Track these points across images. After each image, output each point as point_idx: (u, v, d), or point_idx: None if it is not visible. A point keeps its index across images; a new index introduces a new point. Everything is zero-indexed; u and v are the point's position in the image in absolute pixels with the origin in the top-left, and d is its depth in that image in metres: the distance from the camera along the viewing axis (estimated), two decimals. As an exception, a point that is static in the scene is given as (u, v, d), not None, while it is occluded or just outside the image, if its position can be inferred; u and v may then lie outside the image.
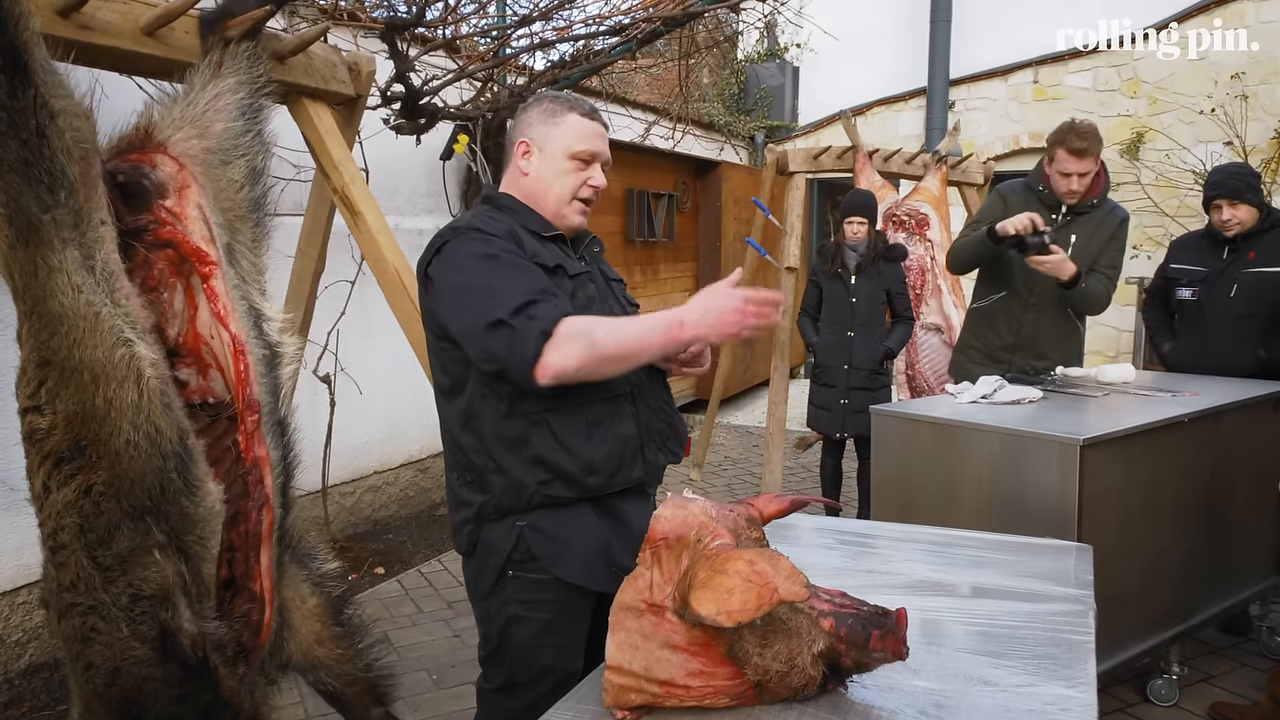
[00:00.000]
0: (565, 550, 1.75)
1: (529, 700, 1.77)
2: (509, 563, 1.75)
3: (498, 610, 1.78)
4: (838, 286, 4.69)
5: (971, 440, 2.76)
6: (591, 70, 5.15)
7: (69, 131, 1.38)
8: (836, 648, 1.38)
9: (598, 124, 1.86)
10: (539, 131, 1.85)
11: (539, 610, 1.76)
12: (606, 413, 1.75)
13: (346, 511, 4.96)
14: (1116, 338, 8.30)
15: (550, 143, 1.83)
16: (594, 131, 1.85)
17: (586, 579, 1.76)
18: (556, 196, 1.84)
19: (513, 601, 1.76)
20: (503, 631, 1.78)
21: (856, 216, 4.68)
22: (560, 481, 1.73)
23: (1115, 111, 8.25)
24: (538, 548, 1.74)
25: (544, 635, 1.77)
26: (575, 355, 1.59)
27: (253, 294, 1.71)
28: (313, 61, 2.29)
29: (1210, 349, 3.68)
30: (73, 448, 1.41)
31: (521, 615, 1.76)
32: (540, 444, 1.72)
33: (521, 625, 1.76)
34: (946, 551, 2.01)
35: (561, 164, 1.83)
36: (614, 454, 1.75)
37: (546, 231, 1.84)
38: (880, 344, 4.62)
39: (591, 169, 1.85)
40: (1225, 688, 3.17)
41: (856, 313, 4.62)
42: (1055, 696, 1.40)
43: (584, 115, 1.84)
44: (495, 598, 1.78)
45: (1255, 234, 3.61)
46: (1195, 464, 3.00)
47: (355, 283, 4.60)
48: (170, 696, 1.47)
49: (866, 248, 4.66)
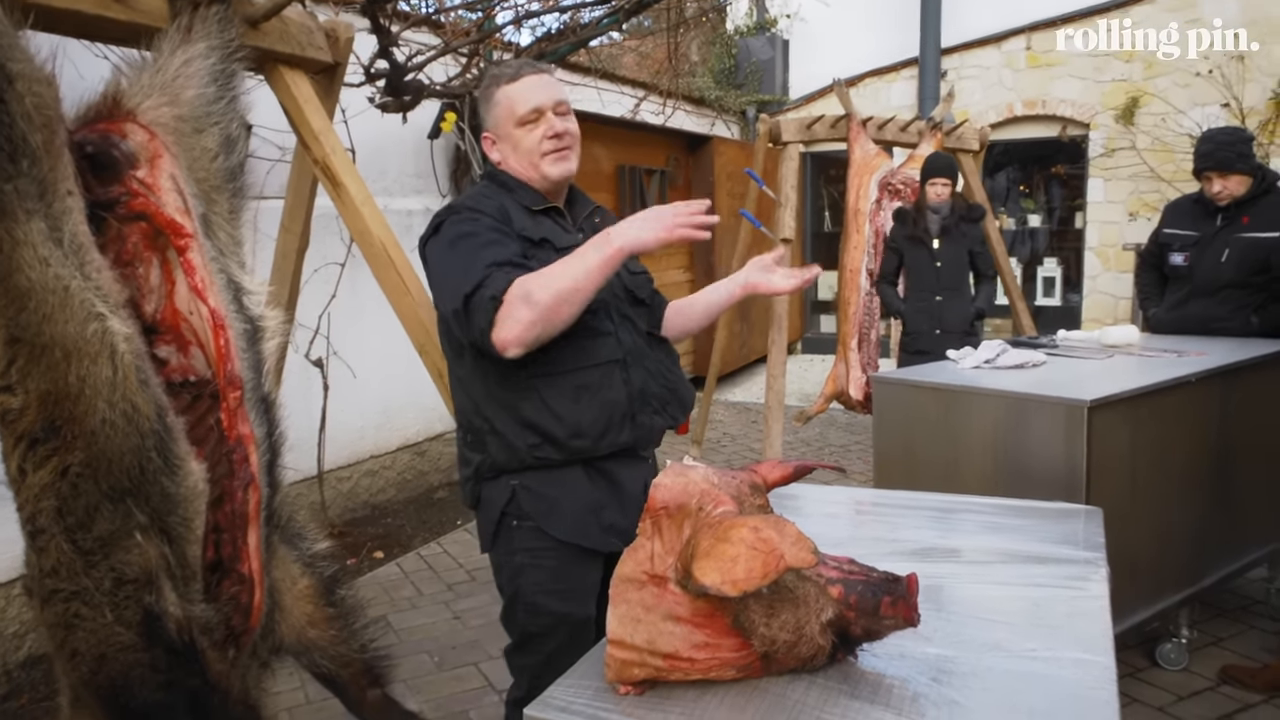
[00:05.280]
0: (554, 508, 1.83)
1: (545, 654, 1.85)
2: (505, 515, 1.85)
3: (506, 560, 1.87)
4: (920, 251, 4.61)
5: (976, 405, 2.71)
6: (579, 43, 5.06)
7: (29, 97, 1.32)
8: (846, 616, 1.34)
9: (529, 77, 1.85)
10: (490, 119, 1.89)
11: (544, 558, 1.84)
12: (594, 379, 1.81)
13: (344, 496, 4.92)
14: (1114, 304, 8.27)
15: (499, 125, 1.88)
16: (524, 88, 1.84)
17: (576, 535, 1.83)
18: (526, 162, 1.87)
19: (519, 551, 1.85)
20: (513, 581, 1.87)
21: (940, 179, 4.60)
22: (549, 445, 1.80)
23: (1110, 76, 8.16)
24: (528, 504, 1.83)
25: (551, 583, 1.84)
26: (523, 318, 1.64)
27: (231, 267, 1.65)
28: (288, 27, 2.22)
29: (1198, 314, 3.65)
30: (47, 428, 1.36)
31: (529, 564, 1.84)
32: (529, 409, 1.78)
33: (529, 573, 1.85)
34: (953, 517, 1.96)
35: (515, 136, 1.86)
36: (601, 419, 1.81)
37: (537, 205, 1.87)
38: (970, 305, 4.57)
39: (544, 120, 1.85)
40: (1235, 650, 3.14)
41: (942, 276, 4.56)
42: (1071, 661, 1.35)
43: (510, 81, 1.85)
44: (503, 548, 1.87)
45: (1249, 199, 3.56)
46: (1203, 425, 2.96)
47: (345, 265, 4.54)
48: (158, 682, 1.42)
49: (950, 209, 4.59)
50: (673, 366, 1.99)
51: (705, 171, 8.24)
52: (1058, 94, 8.45)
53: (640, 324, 1.95)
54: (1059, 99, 8.45)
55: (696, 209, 1.67)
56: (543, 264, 1.75)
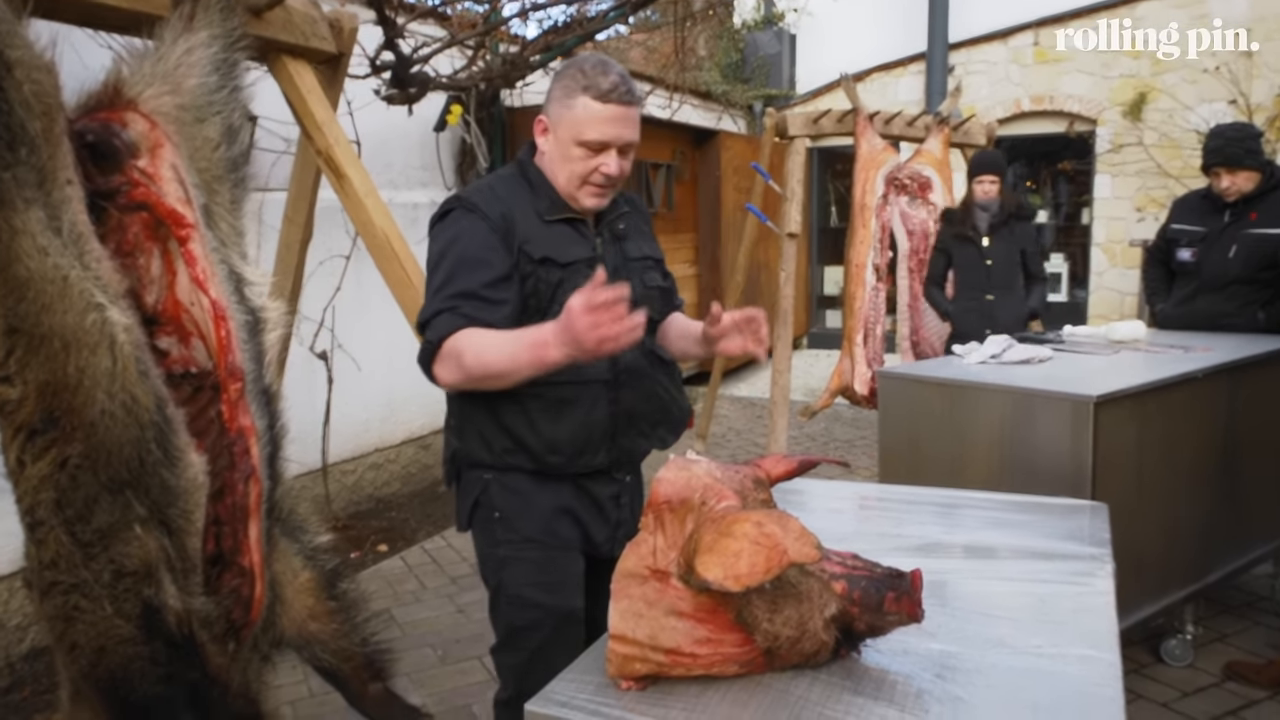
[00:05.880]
0: (525, 506, 1.81)
1: (530, 650, 1.82)
2: (479, 505, 1.84)
3: (490, 553, 1.85)
4: (970, 250, 4.47)
5: (981, 401, 2.70)
6: (586, 36, 5.04)
7: (28, 84, 1.31)
8: (849, 611, 1.32)
9: (613, 106, 1.70)
10: (554, 111, 1.76)
11: (527, 551, 1.82)
12: (577, 396, 1.76)
13: (348, 490, 4.92)
14: (1120, 300, 8.23)
15: (561, 126, 1.74)
16: (606, 117, 1.70)
17: (545, 534, 1.82)
18: (565, 179, 1.78)
19: (501, 543, 1.83)
20: (497, 574, 1.85)
21: (987, 176, 4.46)
22: (523, 454, 1.79)
23: (1117, 72, 8.11)
24: (499, 500, 1.82)
25: (536, 575, 1.82)
26: (453, 372, 1.66)
27: (233, 258, 1.63)
28: (291, 16, 2.20)
29: (1205, 310, 3.63)
30: (45, 419, 1.35)
31: (511, 557, 1.82)
32: (508, 415, 1.77)
33: (512, 567, 1.82)
34: (958, 513, 1.95)
35: (570, 149, 1.74)
36: (579, 438, 1.78)
37: (551, 215, 1.78)
38: (1022, 305, 4.43)
39: (603, 156, 1.73)
40: (1239, 646, 3.13)
41: (993, 275, 4.41)
42: (1077, 657, 1.34)
43: (597, 98, 1.69)
44: (485, 538, 1.86)
45: (1258, 195, 3.54)
46: (1209, 421, 2.94)
47: (350, 257, 4.53)
48: (158, 675, 1.42)
49: (999, 207, 4.45)
50: (670, 387, 1.92)
51: (711, 166, 8.22)
52: (1065, 90, 8.41)
53: (646, 341, 1.83)
54: (1066, 94, 8.41)
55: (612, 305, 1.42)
56: (540, 282, 1.72)
